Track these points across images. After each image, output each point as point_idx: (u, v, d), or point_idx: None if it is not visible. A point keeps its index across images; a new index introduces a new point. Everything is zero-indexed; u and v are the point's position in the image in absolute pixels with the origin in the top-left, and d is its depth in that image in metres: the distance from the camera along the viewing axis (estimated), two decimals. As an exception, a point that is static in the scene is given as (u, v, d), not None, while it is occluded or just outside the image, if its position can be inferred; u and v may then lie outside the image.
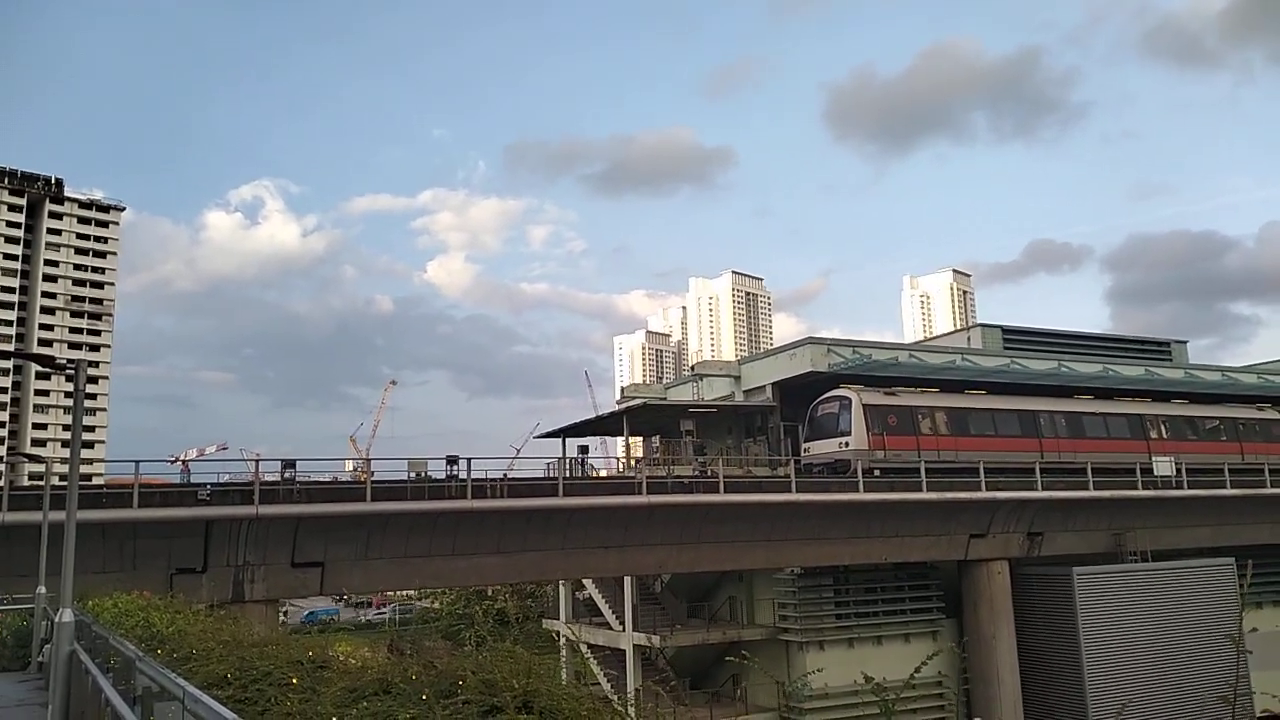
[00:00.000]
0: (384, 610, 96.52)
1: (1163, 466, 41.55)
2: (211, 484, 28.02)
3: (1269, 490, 43.61)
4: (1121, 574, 39.47)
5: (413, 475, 30.68)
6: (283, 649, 8.02)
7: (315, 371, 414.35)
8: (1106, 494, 39.50)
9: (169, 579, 25.55)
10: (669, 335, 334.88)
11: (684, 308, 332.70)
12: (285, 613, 65.90)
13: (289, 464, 28.53)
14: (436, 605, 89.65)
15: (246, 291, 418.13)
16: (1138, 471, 40.45)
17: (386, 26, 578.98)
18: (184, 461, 41.20)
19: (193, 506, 26.19)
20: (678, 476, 35.05)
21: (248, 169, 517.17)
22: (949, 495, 36.15)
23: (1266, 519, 45.19)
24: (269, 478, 28.02)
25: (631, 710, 6.06)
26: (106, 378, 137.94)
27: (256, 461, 28.70)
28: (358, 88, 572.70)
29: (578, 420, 48.32)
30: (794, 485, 33.93)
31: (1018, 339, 49.56)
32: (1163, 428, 44.53)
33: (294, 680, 6.59)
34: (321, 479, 31.07)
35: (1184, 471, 41.78)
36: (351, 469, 48.42)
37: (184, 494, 27.10)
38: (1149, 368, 49.59)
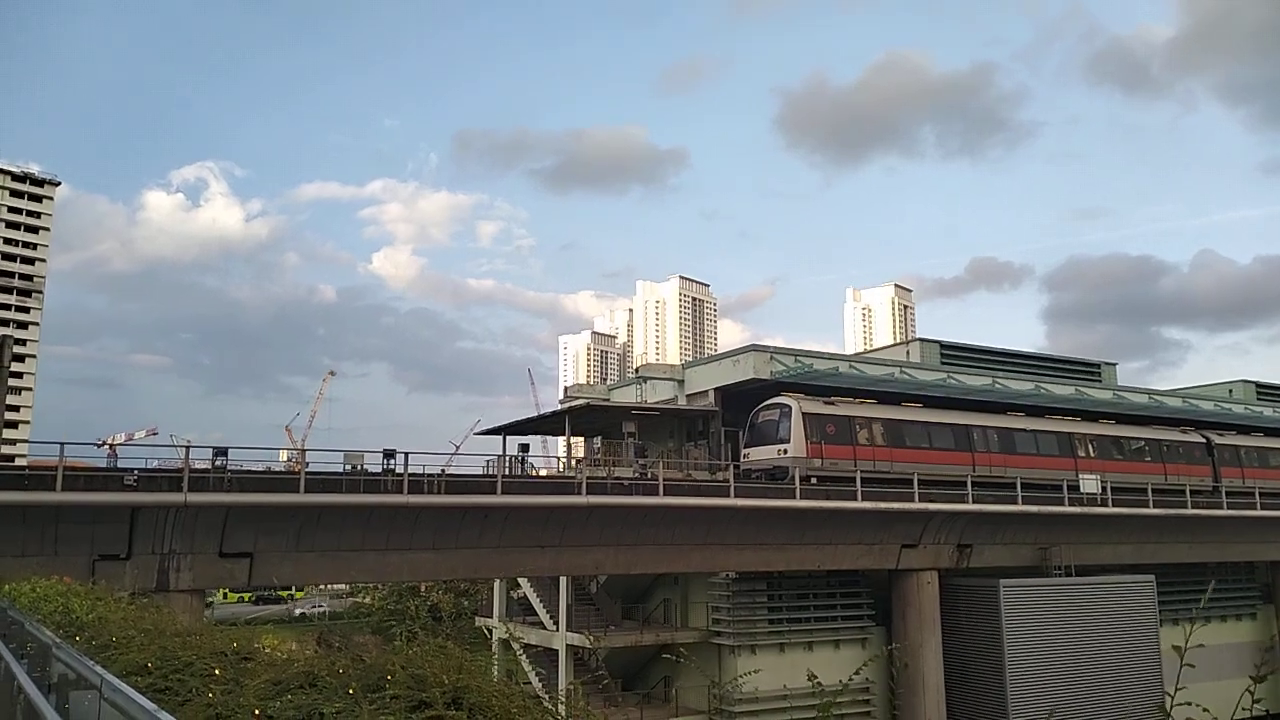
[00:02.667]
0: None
1: (1089, 484, 42.68)
2: (139, 469, 27.31)
3: (1189, 511, 45.01)
4: (1046, 587, 40.46)
5: (348, 468, 30.26)
6: (206, 639, 7.85)
7: (253, 359, 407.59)
8: (1034, 509, 40.43)
9: (91, 565, 24.82)
10: (614, 337, 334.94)
11: (630, 310, 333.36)
12: (211, 605, 64.52)
13: (220, 451, 27.92)
14: (368, 600, 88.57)
15: (184, 275, 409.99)
16: (1065, 488, 41.50)
17: (343, 13, 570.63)
18: (111, 445, 40.10)
19: (118, 491, 25.50)
20: (618, 478, 35.08)
21: (191, 150, 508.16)
22: (883, 505, 36.71)
23: (1185, 538, 46.70)
24: (199, 465, 27.39)
25: (562, 709, 6.06)
26: (34, 356, 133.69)
27: (187, 448, 28.01)
28: (311, 72, 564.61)
29: (519, 418, 48.13)
30: (732, 490, 34.19)
31: (955, 354, 50.51)
32: (1090, 446, 45.73)
33: (217, 671, 6.46)
34: (254, 468, 30.47)
35: (1109, 489, 42.97)
36: (286, 459, 47.56)
37: (110, 479, 26.37)
38: (1079, 387, 50.89)
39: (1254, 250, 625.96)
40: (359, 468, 30.21)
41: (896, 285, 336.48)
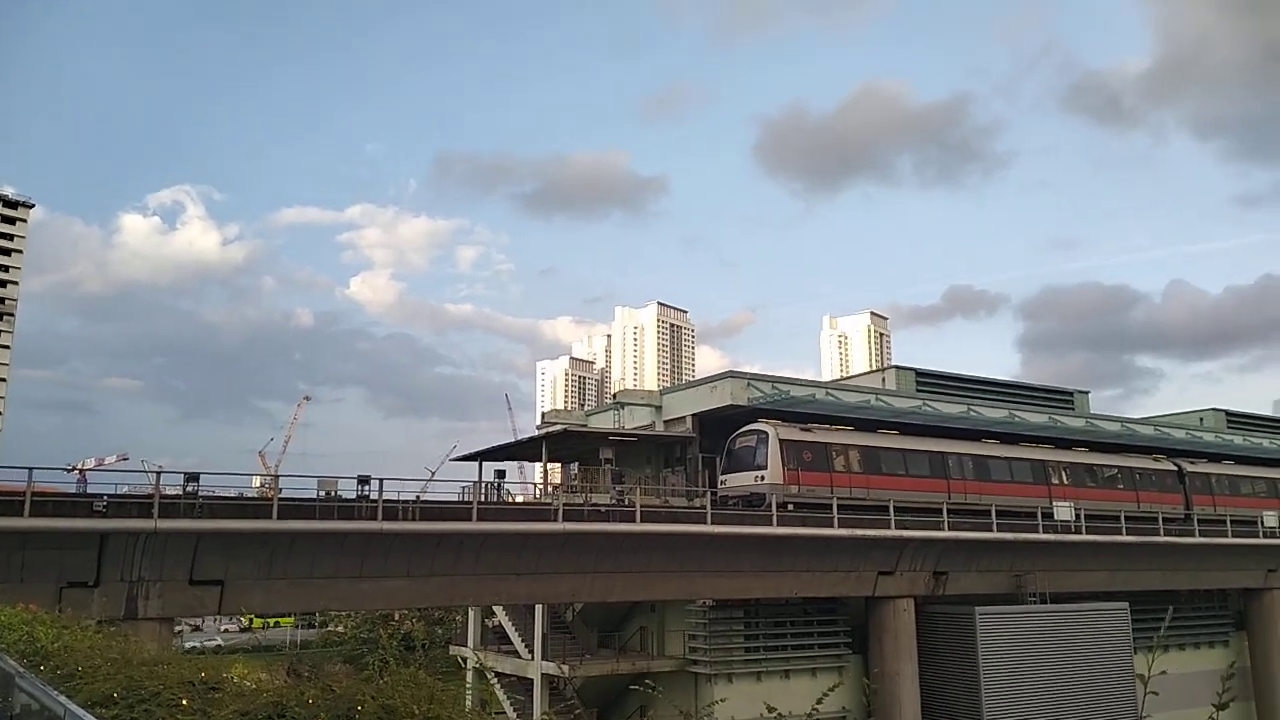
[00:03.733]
0: None
1: (1063, 511, 42.98)
2: (109, 495, 26.93)
3: (1161, 538, 45.38)
4: (1021, 614, 40.57)
5: (322, 494, 30.01)
6: (174, 669, 7.73)
7: (227, 383, 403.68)
8: (1009, 536, 40.63)
9: (58, 592, 24.40)
10: (593, 362, 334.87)
11: (609, 336, 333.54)
12: (180, 633, 63.53)
13: (192, 477, 27.60)
14: (340, 629, 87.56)
15: (159, 298, 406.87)
16: (1039, 515, 41.73)
17: (325, 39, 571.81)
18: (81, 471, 39.55)
19: (87, 518, 25.12)
20: (594, 504, 34.97)
21: (168, 173, 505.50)
22: (859, 533, 36.76)
23: (1158, 565, 47.05)
24: (170, 491, 27.06)
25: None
26: (4, 380, 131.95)
27: (158, 473, 27.70)
28: (292, 97, 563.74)
29: (496, 444, 47.94)
30: (709, 517, 34.12)
31: (930, 382, 50.85)
32: (1064, 474, 46.08)
33: (184, 701, 6.37)
34: (226, 494, 30.15)
35: (1083, 517, 43.27)
36: (259, 485, 47.09)
37: (78, 504, 25.98)
38: (1053, 415, 51.33)
39: (1224, 281, 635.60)
40: (333, 494, 29.98)
41: (873, 313, 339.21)
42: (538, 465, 48.90)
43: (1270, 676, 51.05)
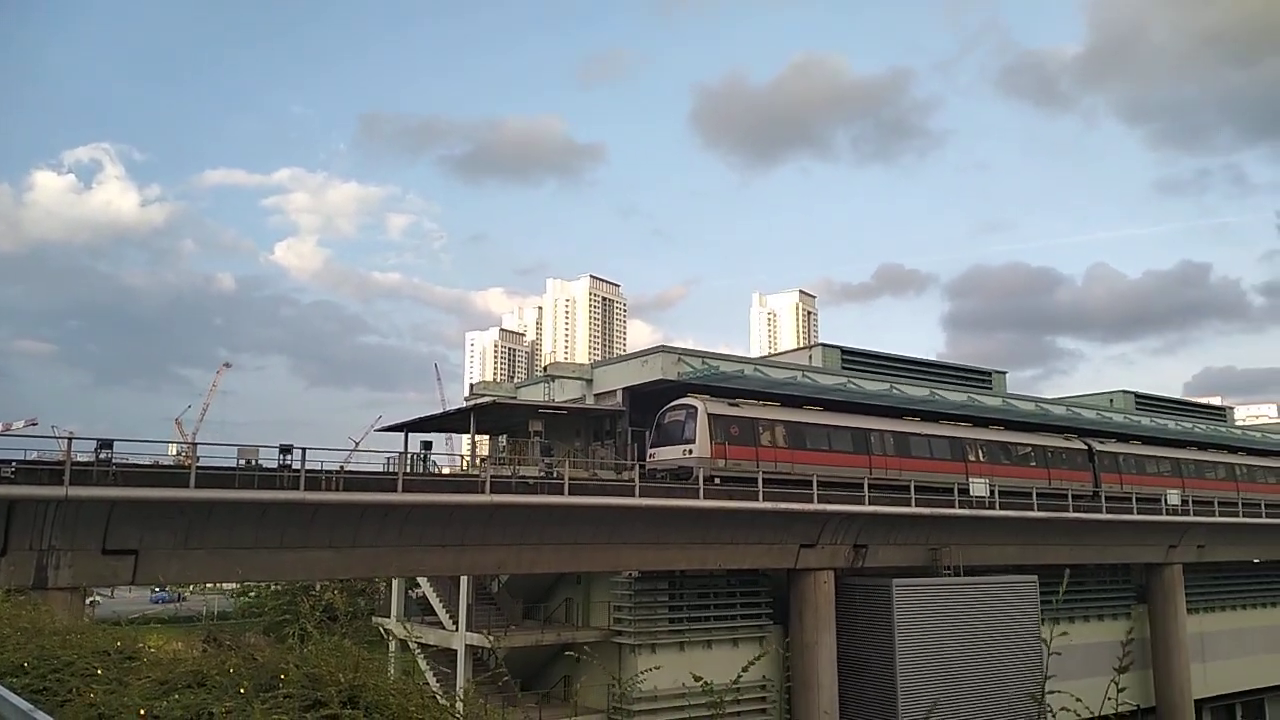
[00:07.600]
0: None
1: (978, 488, 44.29)
2: (17, 461, 25.98)
3: (1070, 514, 47.09)
4: (936, 586, 41.82)
5: (243, 463, 29.38)
6: (88, 638, 7.57)
7: (145, 349, 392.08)
8: (927, 511, 41.76)
9: (-39, 562, 23.57)
10: (523, 334, 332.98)
11: (540, 308, 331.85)
12: (93, 603, 61.75)
13: (105, 444, 26.72)
14: (257, 597, 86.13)
15: (74, 259, 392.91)
16: (955, 491, 42.97)
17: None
18: (-14, 436, 38.06)
19: (-7, 485, 24.24)
20: (523, 477, 34.91)
21: (86, 131, 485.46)
22: (783, 506, 37.40)
23: (1067, 540, 48.84)
24: (83, 458, 26.21)
25: (460, 706, 6.04)
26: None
27: (69, 439, 26.79)
28: (217, 57, 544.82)
29: (423, 415, 47.42)
30: (637, 490, 34.34)
31: (855, 360, 51.66)
32: (980, 451, 47.44)
33: (99, 671, 6.25)
34: (141, 462, 29.31)
35: (996, 493, 44.68)
36: (175, 453, 45.85)
37: (-16, 471, 25.04)
38: (971, 394, 52.68)
39: (1144, 265, 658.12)
40: (254, 463, 29.36)
41: (801, 292, 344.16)
42: (465, 437, 48.51)
43: (1168, 647, 53.52)
